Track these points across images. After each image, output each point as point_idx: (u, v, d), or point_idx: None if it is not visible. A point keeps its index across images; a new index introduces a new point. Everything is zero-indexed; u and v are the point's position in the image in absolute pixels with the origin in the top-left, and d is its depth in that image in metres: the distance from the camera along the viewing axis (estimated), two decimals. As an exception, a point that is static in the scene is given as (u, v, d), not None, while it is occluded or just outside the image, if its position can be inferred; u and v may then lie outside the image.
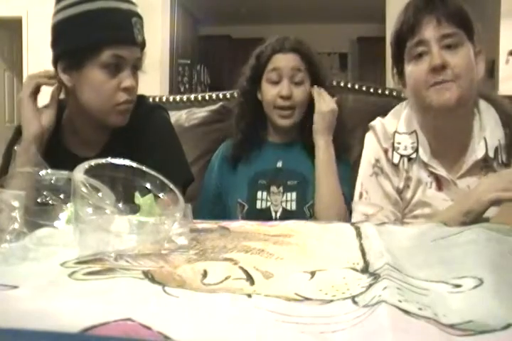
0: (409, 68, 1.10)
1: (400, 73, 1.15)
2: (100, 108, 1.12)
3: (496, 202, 0.94)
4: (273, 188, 1.42)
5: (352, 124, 1.48)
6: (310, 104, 1.43)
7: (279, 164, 1.46)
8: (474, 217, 0.95)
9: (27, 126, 1.12)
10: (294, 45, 1.44)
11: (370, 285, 0.51)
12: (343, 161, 1.41)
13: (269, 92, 1.43)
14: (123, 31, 1.10)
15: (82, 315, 0.42)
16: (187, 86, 6.53)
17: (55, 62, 1.13)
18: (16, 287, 0.49)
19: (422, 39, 1.07)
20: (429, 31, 1.06)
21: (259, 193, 1.42)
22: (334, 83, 1.70)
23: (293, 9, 6.73)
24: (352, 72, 7.97)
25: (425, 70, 1.06)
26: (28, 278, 0.52)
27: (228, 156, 1.49)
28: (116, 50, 1.09)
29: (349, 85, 1.73)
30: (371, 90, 1.71)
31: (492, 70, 4.67)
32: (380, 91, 1.71)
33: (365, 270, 0.57)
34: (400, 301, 0.44)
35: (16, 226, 0.66)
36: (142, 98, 1.23)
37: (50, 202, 0.77)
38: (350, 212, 1.25)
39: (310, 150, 1.41)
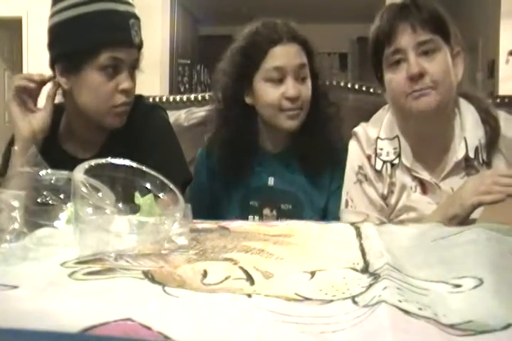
0: (388, 76, 1.10)
1: (380, 78, 1.14)
2: (97, 110, 1.12)
3: (479, 205, 0.94)
4: (266, 211, 1.29)
5: (352, 123, 1.47)
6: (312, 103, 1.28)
7: (271, 182, 1.31)
8: (459, 221, 0.95)
9: (16, 128, 1.12)
10: (291, 32, 1.23)
11: (370, 285, 0.51)
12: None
13: (272, 94, 1.22)
14: (120, 33, 1.10)
15: (82, 315, 0.42)
16: (187, 86, 6.53)
17: (53, 64, 1.13)
18: (16, 287, 0.49)
19: (399, 47, 1.06)
20: (405, 39, 1.05)
21: (250, 218, 1.29)
22: (334, 83, 1.70)
23: (293, 9, 6.72)
24: (352, 72, 7.97)
25: (403, 78, 1.06)
26: (28, 278, 0.52)
27: (215, 168, 1.32)
28: (114, 52, 1.09)
29: (349, 85, 1.73)
30: (371, 90, 1.72)
31: (492, 70, 4.67)
32: (379, 91, 1.71)
33: (365, 270, 0.57)
34: (400, 301, 0.44)
35: (16, 226, 0.66)
36: (140, 98, 1.23)
37: (50, 202, 0.77)
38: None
39: (304, 162, 1.29)
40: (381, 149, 1.16)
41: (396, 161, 1.14)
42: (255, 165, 1.31)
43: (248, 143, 1.29)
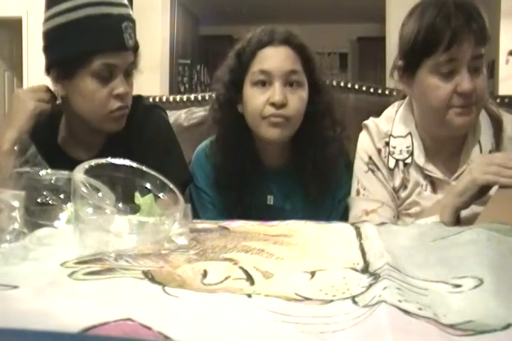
0: (431, 80, 1.05)
1: (410, 74, 1.10)
2: (94, 116, 1.12)
3: (490, 184, 0.94)
4: None
5: (353, 123, 1.47)
6: (306, 115, 1.18)
7: (270, 201, 1.24)
8: (469, 198, 0.95)
9: (18, 130, 1.09)
10: (286, 35, 1.16)
11: (370, 285, 0.51)
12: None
13: (257, 99, 1.14)
14: (113, 38, 1.08)
15: (82, 315, 0.42)
16: (187, 86, 6.54)
17: (48, 70, 1.13)
18: (16, 287, 0.49)
19: (455, 58, 1.02)
20: (466, 51, 1.02)
21: None
22: (334, 83, 1.70)
23: (293, 9, 6.74)
24: (352, 72, 7.98)
25: (451, 91, 1.04)
26: (28, 278, 0.52)
27: (213, 180, 1.24)
28: (107, 58, 1.07)
29: (349, 85, 1.73)
30: (371, 90, 1.72)
31: (492, 70, 4.67)
32: (380, 91, 1.71)
33: (365, 270, 0.57)
34: (399, 301, 0.44)
35: (16, 226, 0.66)
36: (139, 98, 1.23)
37: (50, 202, 0.77)
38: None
39: (304, 180, 1.22)
40: (394, 147, 1.16)
41: (409, 160, 1.14)
42: (254, 184, 1.23)
43: (247, 159, 1.21)
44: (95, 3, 1.07)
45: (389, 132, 1.18)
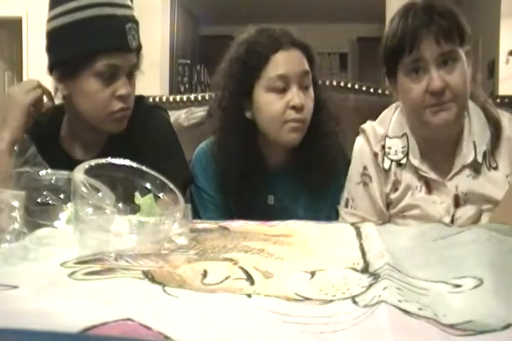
0: (406, 84, 1.07)
1: (393, 79, 1.12)
2: (96, 116, 1.12)
3: None
4: None
5: (353, 123, 1.47)
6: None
7: (271, 200, 1.24)
8: None
9: (14, 129, 1.07)
10: (292, 38, 1.16)
11: (370, 285, 0.51)
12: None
13: (275, 104, 1.14)
14: (116, 39, 1.08)
15: (82, 315, 0.42)
16: (187, 86, 6.53)
17: (51, 69, 1.13)
18: (16, 287, 0.49)
19: (420, 58, 1.04)
20: (428, 51, 1.03)
21: None
22: (334, 83, 1.70)
23: (294, 9, 6.73)
24: (352, 72, 7.97)
25: (423, 91, 1.04)
26: (28, 278, 0.52)
27: (214, 181, 1.24)
28: (110, 59, 1.07)
29: (349, 85, 1.73)
30: (371, 90, 1.72)
31: (492, 70, 4.67)
32: (380, 91, 1.71)
33: (365, 270, 0.57)
34: (399, 301, 0.44)
35: (16, 226, 0.66)
36: (141, 98, 1.23)
37: (50, 202, 0.77)
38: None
39: (305, 178, 1.22)
40: (389, 148, 1.16)
41: (403, 161, 1.15)
42: (255, 184, 1.22)
43: (250, 162, 1.19)
44: (99, 3, 1.07)
45: (385, 134, 1.18)
